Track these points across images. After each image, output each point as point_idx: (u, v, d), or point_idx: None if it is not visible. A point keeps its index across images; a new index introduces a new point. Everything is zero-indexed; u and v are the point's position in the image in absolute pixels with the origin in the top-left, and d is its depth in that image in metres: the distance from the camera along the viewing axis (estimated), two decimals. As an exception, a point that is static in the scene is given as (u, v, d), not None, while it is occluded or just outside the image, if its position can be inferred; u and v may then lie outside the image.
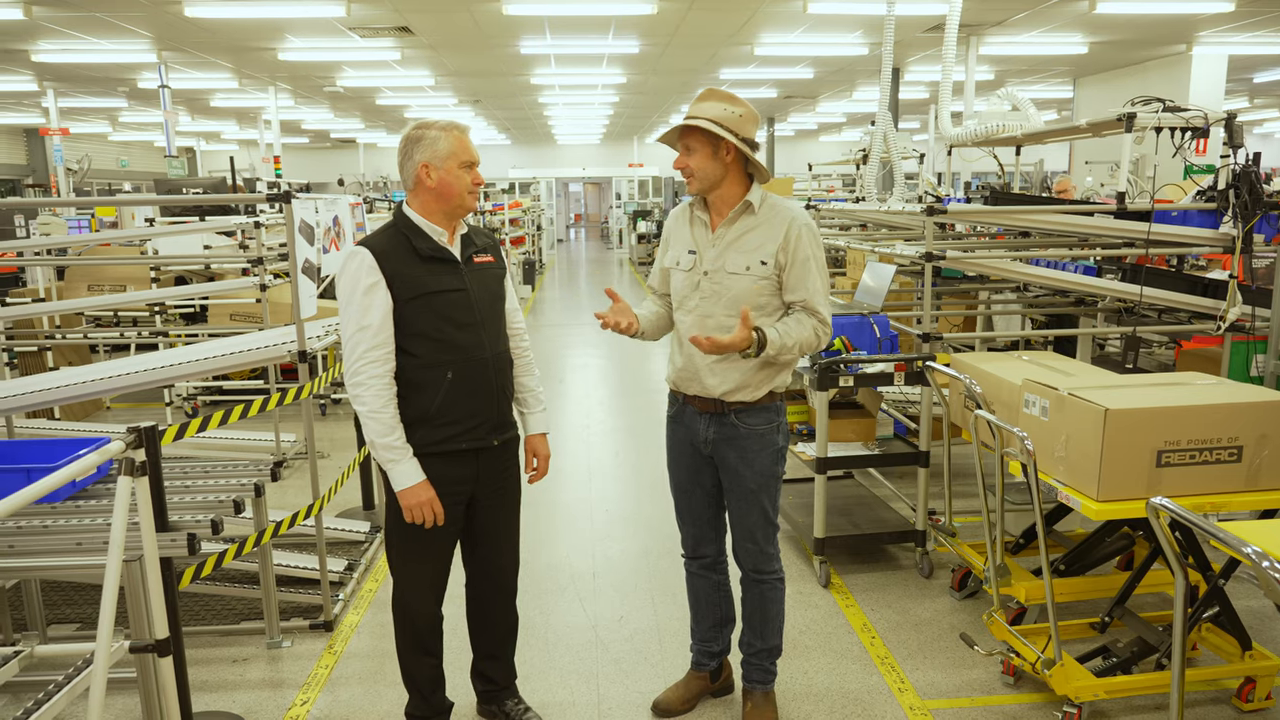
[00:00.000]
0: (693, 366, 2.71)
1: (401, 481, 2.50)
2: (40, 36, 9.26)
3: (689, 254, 2.72)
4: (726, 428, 2.71)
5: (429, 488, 2.52)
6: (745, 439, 2.71)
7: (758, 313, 2.63)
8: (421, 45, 10.10)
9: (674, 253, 2.79)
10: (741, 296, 2.62)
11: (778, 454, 2.76)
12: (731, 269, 2.63)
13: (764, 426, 2.71)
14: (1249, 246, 4.23)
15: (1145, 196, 4.80)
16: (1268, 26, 9.66)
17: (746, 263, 2.62)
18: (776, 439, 2.75)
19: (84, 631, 3.59)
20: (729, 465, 2.75)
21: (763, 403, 2.70)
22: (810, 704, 3.08)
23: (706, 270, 2.67)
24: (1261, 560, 1.83)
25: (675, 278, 2.78)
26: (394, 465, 2.50)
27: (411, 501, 2.50)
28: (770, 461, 2.74)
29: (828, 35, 9.96)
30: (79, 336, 7.00)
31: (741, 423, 2.69)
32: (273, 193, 3.54)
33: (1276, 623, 3.53)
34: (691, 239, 2.73)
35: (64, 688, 2.08)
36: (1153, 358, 6.60)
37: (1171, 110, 4.17)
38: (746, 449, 2.71)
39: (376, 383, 2.47)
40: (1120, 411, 2.75)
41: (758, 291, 2.62)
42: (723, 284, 2.64)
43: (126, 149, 21.79)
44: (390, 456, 2.49)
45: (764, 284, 2.62)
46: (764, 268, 2.61)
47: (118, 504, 2.04)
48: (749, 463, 2.72)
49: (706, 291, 2.67)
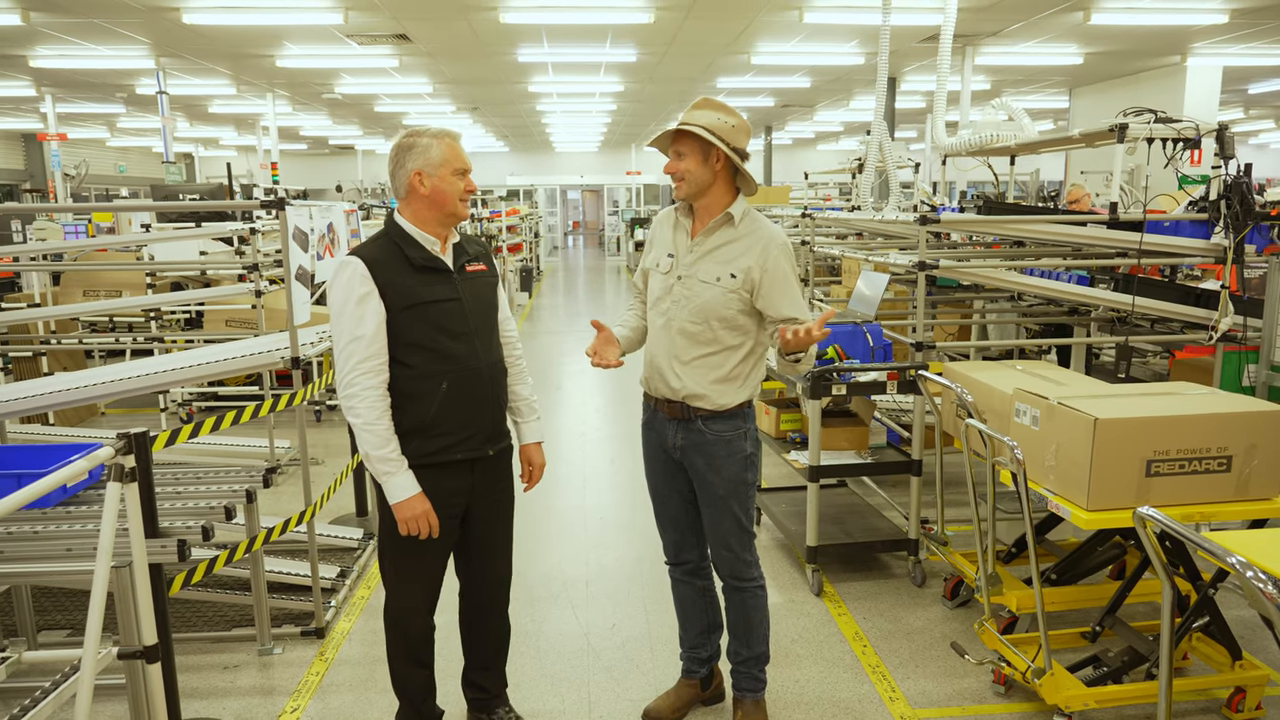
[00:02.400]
0: (656, 366, 2.75)
1: (397, 494, 2.48)
2: (38, 42, 9.28)
3: (667, 257, 2.76)
4: (694, 434, 2.72)
5: (424, 500, 2.50)
6: (712, 445, 2.72)
7: (721, 324, 2.65)
8: (419, 53, 10.13)
9: (655, 254, 2.82)
10: (708, 305, 2.64)
11: (746, 460, 2.77)
12: (703, 278, 2.65)
13: (731, 433, 2.72)
14: (1241, 257, 4.25)
15: (1138, 207, 4.82)
16: (1262, 38, 9.72)
17: (718, 274, 2.64)
18: (744, 445, 2.75)
19: (74, 638, 3.57)
20: (698, 472, 2.77)
21: (729, 410, 2.71)
22: (801, 712, 3.08)
23: (680, 275, 2.70)
24: (1246, 570, 1.84)
25: (653, 279, 2.81)
26: (389, 478, 2.48)
27: (407, 514, 2.49)
28: (739, 468, 2.75)
29: (824, 45, 10.00)
30: (74, 342, 6.99)
31: (708, 429, 2.71)
32: (267, 199, 3.55)
33: (1267, 633, 3.53)
34: (672, 243, 2.76)
35: (51, 694, 2.08)
36: (1147, 367, 6.62)
37: (1163, 121, 4.20)
38: (714, 455, 2.73)
39: (370, 394, 2.46)
40: (1110, 421, 2.76)
41: (724, 303, 2.64)
42: (692, 291, 2.66)
43: (124, 154, 21.82)
44: (385, 469, 2.47)
45: (731, 297, 2.64)
46: (734, 280, 2.63)
47: (106, 510, 2.05)
48: (716, 469, 2.73)
49: (677, 296, 2.69)
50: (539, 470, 2.87)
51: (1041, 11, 8.38)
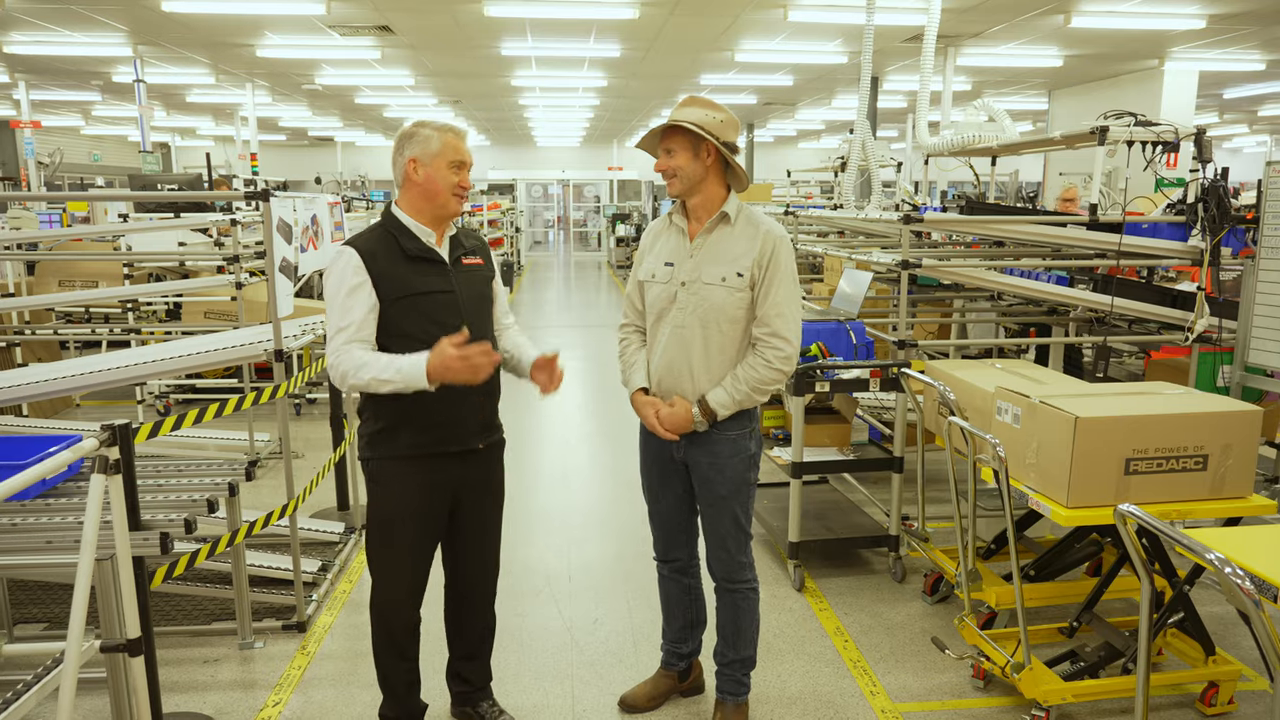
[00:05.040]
0: (671, 374, 2.70)
1: (415, 372, 2.35)
2: (13, 28, 9.12)
3: (665, 266, 2.72)
4: (700, 434, 2.71)
5: (439, 349, 2.34)
6: (717, 444, 2.72)
7: (731, 325, 2.64)
8: (402, 45, 10.05)
9: (649, 265, 2.78)
10: (717, 307, 2.63)
11: (750, 460, 2.77)
12: (707, 279, 2.64)
13: (736, 432, 2.72)
14: (1217, 259, 4.31)
15: (1117, 209, 4.88)
16: (1238, 44, 9.86)
17: (722, 274, 2.63)
18: (749, 445, 2.76)
19: (51, 631, 3.53)
20: (701, 471, 2.76)
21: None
22: (783, 707, 3.10)
23: (684, 281, 2.67)
24: (1224, 566, 1.88)
25: (651, 290, 2.76)
26: (403, 374, 2.36)
27: (440, 371, 2.33)
28: (742, 468, 2.75)
29: (808, 43, 10.03)
30: (49, 333, 6.89)
31: (715, 429, 2.70)
32: (250, 190, 3.52)
33: (1239, 629, 3.60)
34: (669, 251, 2.74)
35: (33, 687, 2.06)
36: (1123, 367, 6.70)
37: (1143, 125, 4.25)
38: (719, 454, 2.72)
39: (355, 348, 2.42)
40: (1090, 419, 2.80)
41: (733, 303, 2.63)
42: (699, 295, 2.65)
43: (100, 143, 21.48)
44: (398, 377, 2.37)
45: (739, 296, 2.63)
46: (740, 280, 2.62)
47: (90, 502, 2.03)
48: (720, 469, 2.73)
49: (683, 302, 2.67)
50: (560, 375, 2.73)
51: (1023, 14, 8.45)
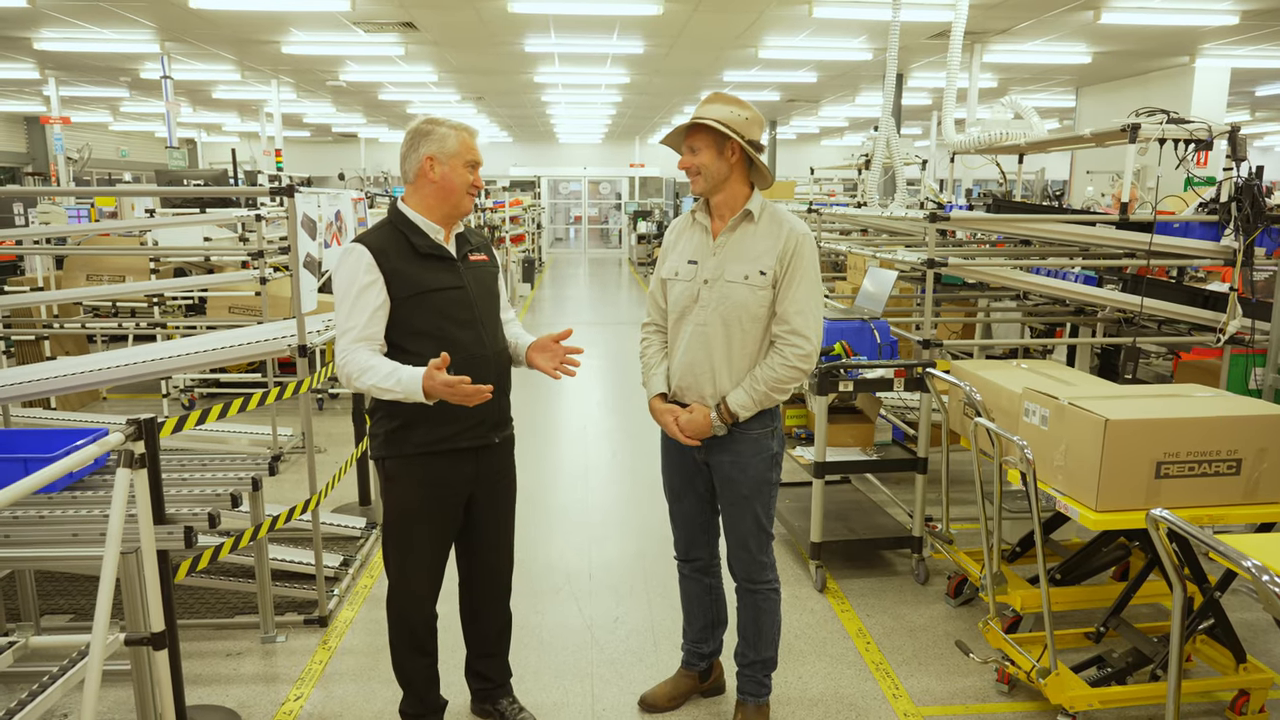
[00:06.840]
0: (693, 373, 2.68)
1: (415, 386, 2.36)
2: (43, 24, 9.23)
3: (689, 264, 2.71)
4: (724, 434, 2.69)
5: (432, 372, 2.35)
6: (740, 443, 2.70)
7: (755, 323, 2.62)
8: (425, 41, 10.08)
9: (672, 263, 2.77)
10: (740, 305, 2.61)
11: (772, 459, 2.74)
12: (730, 277, 2.62)
13: (759, 431, 2.70)
14: (1250, 259, 4.24)
15: (1146, 207, 4.80)
16: (1271, 40, 9.69)
17: (745, 271, 2.61)
18: (771, 444, 2.73)
19: (77, 623, 3.57)
20: (723, 471, 2.74)
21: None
22: (805, 709, 3.07)
23: (706, 279, 2.66)
24: (1262, 574, 1.83)
25: (674, 289, 2.74)
26: (403, 385, 2.38)
27: (433, 385, 2.34)
28: (764, 467, 2.73)
29: (832, 40, 9.96)
30: (77, 326, 6.98)
31: (739, 428, 2.68)
32: (275, 186, 3.53)
33: (1271, 636, 3.53)
34: (693, 249, 2.72)
35: (59, 679, 2.07)
36: (1150, 369, 6.60)
37: (1176, 122, 4.18)
38: (741, 453, 2.70)
39: (361, 348, 2.44)
40: (1120, 422, 2.75)
41: (757, 302, 2.61)
42: (722, 293, 2.63)
43: (127, 139, 21.73)
44: (396, 385, 2.38)
45: (762, 294, 2.61)
46: (763, 278, 2.60)
47: (116, 496, 2.04)
48: (742, 468, 2.71)
49: (706, 300, 2.65)
50: (562, 354, 2.71)
51: (1052, 9, 8.34)
